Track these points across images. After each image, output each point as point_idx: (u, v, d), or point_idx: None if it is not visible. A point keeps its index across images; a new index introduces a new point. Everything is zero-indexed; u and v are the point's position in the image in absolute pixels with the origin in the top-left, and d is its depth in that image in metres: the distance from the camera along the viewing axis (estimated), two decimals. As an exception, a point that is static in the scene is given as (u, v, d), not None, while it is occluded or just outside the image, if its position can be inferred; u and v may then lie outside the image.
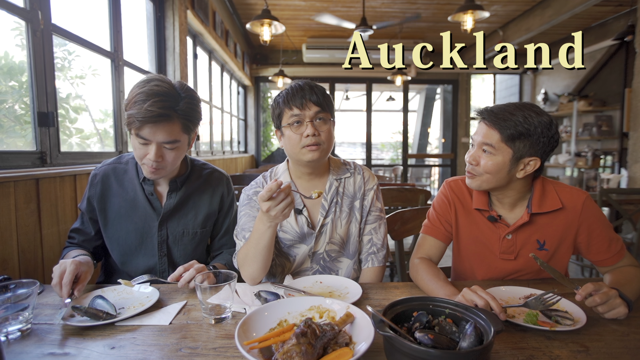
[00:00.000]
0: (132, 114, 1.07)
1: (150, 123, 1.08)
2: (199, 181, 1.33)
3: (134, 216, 1.26)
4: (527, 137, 1.02)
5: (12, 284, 0.86)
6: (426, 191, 2.37)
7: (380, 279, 1.26)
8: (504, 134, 1.03)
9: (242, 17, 5.42)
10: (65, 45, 2.04)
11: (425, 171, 9.37)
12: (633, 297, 0.92)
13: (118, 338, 0.82)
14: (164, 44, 3.18)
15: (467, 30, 3.20)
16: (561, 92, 6.36)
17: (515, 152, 1.03)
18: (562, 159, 6.15)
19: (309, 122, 1.13)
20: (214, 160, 4.50)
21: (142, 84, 1.11)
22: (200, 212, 1.32)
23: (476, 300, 0.83)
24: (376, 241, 1.26)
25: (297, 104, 1.13)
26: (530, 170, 1.06)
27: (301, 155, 1.15)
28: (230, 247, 1.39)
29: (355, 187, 1.28)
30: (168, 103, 1.09)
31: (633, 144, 3.57)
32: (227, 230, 1.39)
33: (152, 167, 1.15)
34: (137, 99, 1.07)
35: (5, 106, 1.74)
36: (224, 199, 1.37)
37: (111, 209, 1.26)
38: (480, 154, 1.08)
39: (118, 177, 1.28)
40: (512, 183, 1.10)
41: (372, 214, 1.28)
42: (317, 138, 1.13)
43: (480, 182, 1.10)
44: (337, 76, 7.21)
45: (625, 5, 4.77)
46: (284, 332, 0.75)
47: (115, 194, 1.27)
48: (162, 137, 1.11)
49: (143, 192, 1.26)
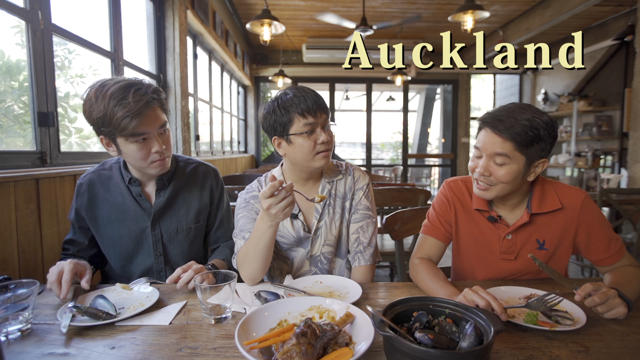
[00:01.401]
0: (120, 116, 1.04)
1: (143, 114, 1.07)
2: (185, 176, 1.33)
3: (125, 220, 1.25)
4: (537, 141, 0.99)
5: (12, 284, 0.86)
6: (426, 191, 2.37)
7: (370, 279, 1.25)
8: (518, 142, 0.99)
9: (242, 17, 5.42)
10: (65, 44, 2.04)
11: (425, 171, 9.38)
12: (633, 297, 0.92)
13: (118, 338, 0.82)
14: (164, 44, 3.18)
15: (467, 30, 3.20)
16: (561, 92, 6.36)
17: (528, 158, 1.01)
18: (562, 159, 6.14)
19: (322, 129, 1.15)
20: (214, 160, 4.50)
21: (101, 91, 1.06)
22: (191, 207, 1.32)
23: (477, 300, 0.83)
24: (363, 239, 1.26)
25: (311, 112, 1.12)
26: (539, 171, 1.06)
27: (314, 162, 1.16)
28: (226, 239, 1.40)
29: (345, 187, 1.28)
30: (143, 89, 1.10)
31: (633, 144, 3.57)
32: (221, 222, 1.40)
33: (161, 158, 1.16)
34: (116, 100, 1.04)
35: (5, 106, 1.74)
36: (213, 192, 1.37)
37: (101, 216, 1.26)
38: (491, 165, 1.04)
39: (104, 183, 1.27)
40: (520, 187, 1.09)
41: (358, 212, 1.28)
42: (329, 144, 1.16)
43: (496, 192, 1.06)
44: (337, 76, 7.21)
45: (625, 5, 4.77)
46: (284, 332, 0.75)
47: (102, 201, 1.26)
48: (157, 124, 1.13)
49: (130, 194, 1.25)
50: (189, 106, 3.46)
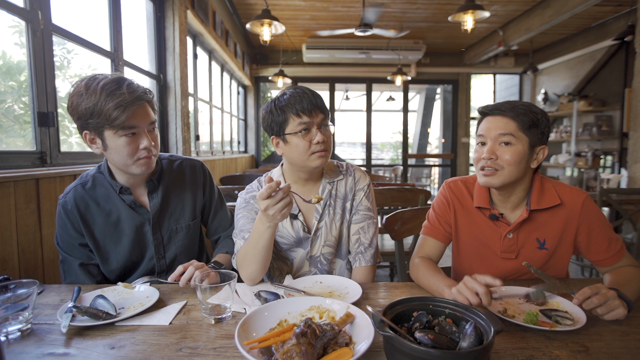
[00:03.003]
0: (111, 106, 1.03)
1: (135, 105, 1.08)
2: (173, 174, 1.32)
3: (124, 230, 1.22)
4: (536, 126, 1.06)
5: (12, 284, 0.86)
6: (426, 191, 2.37)
7: (371, 279, 1.25)
8: (520, 122, 1.05)
9: (242, 17, 5.42)
10: (64, 44, 2.04)
11: (425, 171, 9.37)
12: (633, 297, 0.92)
13: (118, 338, 0.82)
14: (164, 44, 3.18)
15: (468, 30, 3.20)
16: (561, 92, 6.35)
17: (531, 140, 1.06)
18: (562, 159, 6.14)
19: (318, 129, 1.14)
20: (214, 160, 4.51)
21: (92, 84, 1.06)
22: (186, 204, 1.32)
23: (471, 299, 0.83)
24: (364, 240, 1.26)
25: (306, 111, 1.12)
26: (541, 159, 1.09)
27: (309, 162, 1.16)
28: (225, 229, 1.41)
29: (346, 188, 1.28)
30: (135, 84, 1.11)
31: (633, 144, 3.57)
32: (216, 211, 1.41)
33: (149, 155, 1.14)
34: (108, 91, 1.04)
35: (4, 106, 1.74)
36: (205, 186, 1.38)
37: (97, 230, 1.21)
38: (497, 147, 1.07)
39: (91, 195, 1.21)
40: (523, 177, 1.10)
41: (359, 212, 1.28)
42: (325, 144, 1.15)
43: (504, 177, 1.06)
44: (337, 76, 7.21)
45: (625, 5, 4.76)
46: (284, 332, 0.75)
47: (96, 214, 1.20)
48: (147, 119, 1.13)
49: (124, 203, 1.22)
50: (189, 106, 3.46)
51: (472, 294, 0.83)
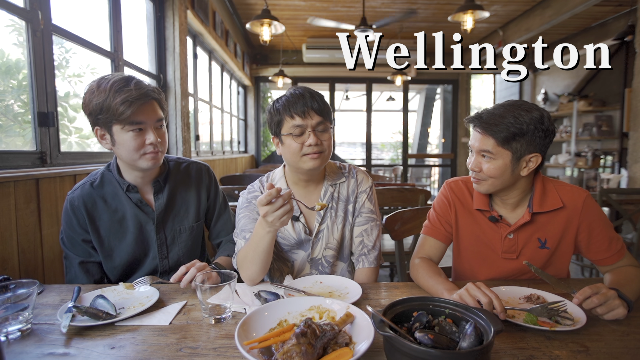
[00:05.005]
0: (119, 101, 1.07)
1: (142, 101, 1.10)
2: (180, 175, 1.34)
3: (129, 228, 1.24)
4: (521, 136, 1.02)
5: (12, 284, 0.86)
6: (426, 191, 2.37)
7: (373, 281, 1.24)
8: (498, 138, 1.03)
9: (242, 17, 5.42)
10: (63, 43, 2.04)
11: (425, 171, 9.37)
12: (633, 297, 0.92)
13: (118, 338, 0.82)
14: (164, 44, 3.18)
15: (467, 30, 3.20)
16: (561, 92, 6.35)
17: (514, 153, 1.04)
18: (562, 159, 6.14)
19: (311, 131, 1.12)
20: (214, 160, 4.50)
21: (103, 81, 1.11)
22: (190, 206, 1.33)
23: (480, 297, 0.83)
24: (367, 242, 1.25)
25: (299, 113, 1.11)
26: (533, 166, 1.07)
27: (302, 164, 1.15)
28: (227, 233, 1.42)
29: (349, 190, 1.27)
30: (143, 83, 1.14)
31: (633, 144, 3.57)
32: (219, 215, 1.42)
33: (155, 151, 1.16)
34: (117, 87, 1.08)
35: (4, 105, 1.74)
36: (210, 189, 1.39)
37: (103, 226, 1.23)
38: (480, 160, 1.09)
39: (99, 193, 1.23)
40: (517, 182, 1.10)
41: (362, 215, 1.27)
42: (319, 147, 1.13)
43: (487, 187, 1.11)
44: (337, 76, 7.20)
45: (625, 5, 4.76)
46: (284, 332, 0.75)
47: (102, 210, 1.22)
48: (153, 116, 1.15)
49: (131, 201, 1.24)
50: (189, 106, 3.46)
51: (482, 293, 0.83)
